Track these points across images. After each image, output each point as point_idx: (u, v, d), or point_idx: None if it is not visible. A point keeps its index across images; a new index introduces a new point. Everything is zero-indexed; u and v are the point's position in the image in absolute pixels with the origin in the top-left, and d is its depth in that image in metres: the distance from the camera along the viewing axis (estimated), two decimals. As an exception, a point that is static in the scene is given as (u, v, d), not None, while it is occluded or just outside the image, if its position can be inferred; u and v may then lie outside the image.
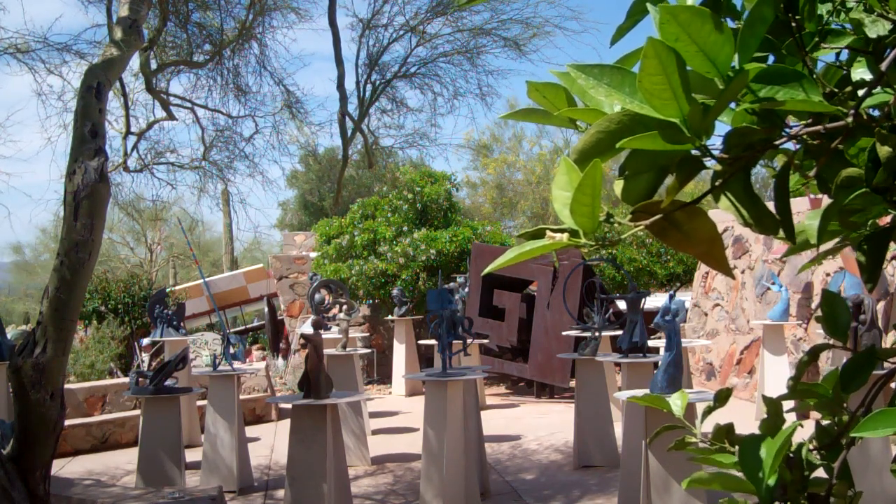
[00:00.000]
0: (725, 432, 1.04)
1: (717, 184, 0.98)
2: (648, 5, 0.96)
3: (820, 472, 1.07)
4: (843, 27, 1.06)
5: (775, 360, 9.30)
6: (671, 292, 5.78)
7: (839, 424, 1.05)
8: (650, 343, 7.28)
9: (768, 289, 10.16)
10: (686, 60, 0.91)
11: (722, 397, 1.14)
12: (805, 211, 8.81)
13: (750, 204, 0.99)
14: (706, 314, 12.39)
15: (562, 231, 0.92)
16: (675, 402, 1.18)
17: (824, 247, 1.20)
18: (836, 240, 1.17)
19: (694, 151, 0.96)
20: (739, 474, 0.96)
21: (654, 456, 5.09)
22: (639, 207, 0.97)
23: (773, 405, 1.06)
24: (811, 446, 1.05)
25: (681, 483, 4.88)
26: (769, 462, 0.91)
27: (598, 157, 0.94)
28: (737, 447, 1.00)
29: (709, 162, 0.98)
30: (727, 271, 0.97)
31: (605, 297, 8.58)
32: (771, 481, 0.90)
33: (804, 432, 1.06)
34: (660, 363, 5.27)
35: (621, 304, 11.16)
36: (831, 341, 1.19)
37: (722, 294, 12.08)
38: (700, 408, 5.65)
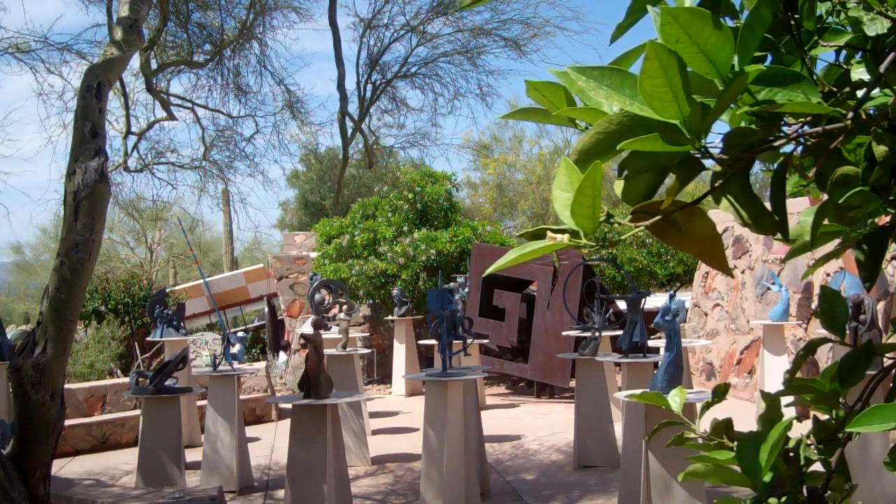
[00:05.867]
0: (724, 427, 1.05)
1: (716, 185, 0.98)
2: (649, 7, 0.96)
3: (818, 467, 1.07)
4: (843, 27, 1.07)
5: (775, 360, 9.30)
6: (671, 292, 5.78)
7: (836, 419, 1.06)
8: (650, 343, 7.28)
9: (768, 289, 10.16)
10: (686, 61, 0.92)
11: (720, 392, 1.14)
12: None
13: (749, 204, 0.99)
14: (706, 314, 12.39)
15: (562, 232, 0.92)
16: (674, 399, 1.19)
17: (826, 249, 1.21)
18: (837, 242, 1.17)
19: (694, 152, 0.96)
20: (737, 469, 0.96)
21: (654, 456, 5.09)
22: (639, 208, 0.97)
23: (770, 401, 1.06)
24: (809, 441, 1.05)
25: (680, 483, 4.88)
26: (765, 457, 0.92)
27: (598, 159, 0.94)
28: (735, 443, 1.00)
29: (708, 162, 0.99)
30: (726, 270, 0.98)
31: (605, 297, 8.59)
32: (767, 477, 0.91)
33: (803, 427, 1.06)
34: (660, 363, 5.27)
35: (621, 304, 11.16)
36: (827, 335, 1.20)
37: (722, 294, 12.08)
38: (700, 408, 5.66)
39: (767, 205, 1.05)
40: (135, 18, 4.99)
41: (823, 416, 1.10)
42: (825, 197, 1.09)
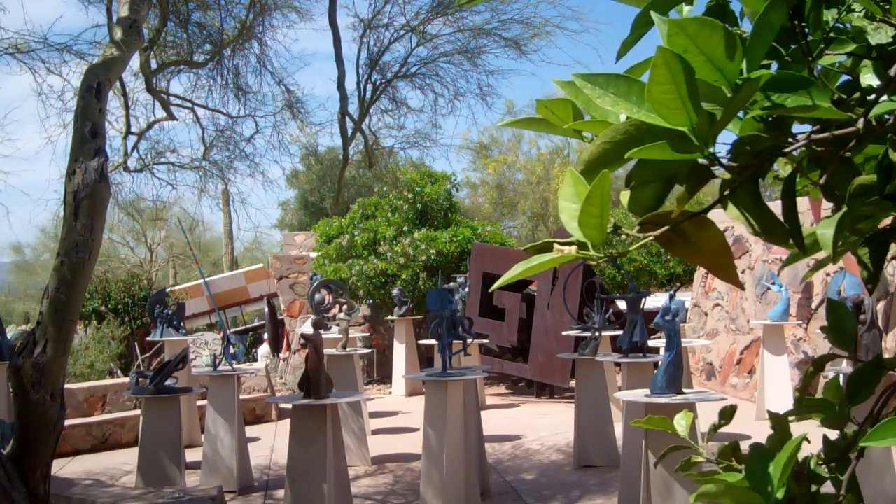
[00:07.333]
0: (731, 450, 1.03)
1: (725, 193, 0.97)
2: (654, 15, 0.95)
3: (828, 485, 1.06)
4: (847, 37, 1.06)
5: (775, 360, 9.30)
6: (671, 292, 5.77)
7: (846, 437, 1.04)
8: (650, 343, 7.28)
9: (768, 289, 10.16)
10: (694, 70, 0.90)
11: (727, 414, 1.13)
12: (805, 211, 8.80)
13: (758, 213, 0.98)
14: (706, 314, 12.38)
15: (570, 244, 0.91)
16: (680, 423, 1.17)
17: (824, 252, 1.20)
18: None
19: (702, 160, 0.95)
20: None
21: (654, 456, 5.08)
22: (647, 218, 0.96)
23: (778, 420, 1.05)
24: (819, 459, 1.04)
25: (680, 483, 4.88)
26: (777, 475, 0.90)
27: (605, 168, 0.93)
28: (743, 465, 0.99)
29: (716, 170, 0.98)
30: (736, 282, 0.96)
31: (605, 297, 8.58)
32: (780, 494, 0.90)
33: (812, 447, 1.05)
34: (660, 363, 5.27)
35: (621, 304, 11.15)
36: (836, 351, 1.19)
37: (722, 294, 12.08)
38: (700, 408, 5.64)
39: (770, 205, 1.04)
40: (135, 18, 4.98)
41: (833, 435, 1.09)
42: (823, 199, 1.08)
